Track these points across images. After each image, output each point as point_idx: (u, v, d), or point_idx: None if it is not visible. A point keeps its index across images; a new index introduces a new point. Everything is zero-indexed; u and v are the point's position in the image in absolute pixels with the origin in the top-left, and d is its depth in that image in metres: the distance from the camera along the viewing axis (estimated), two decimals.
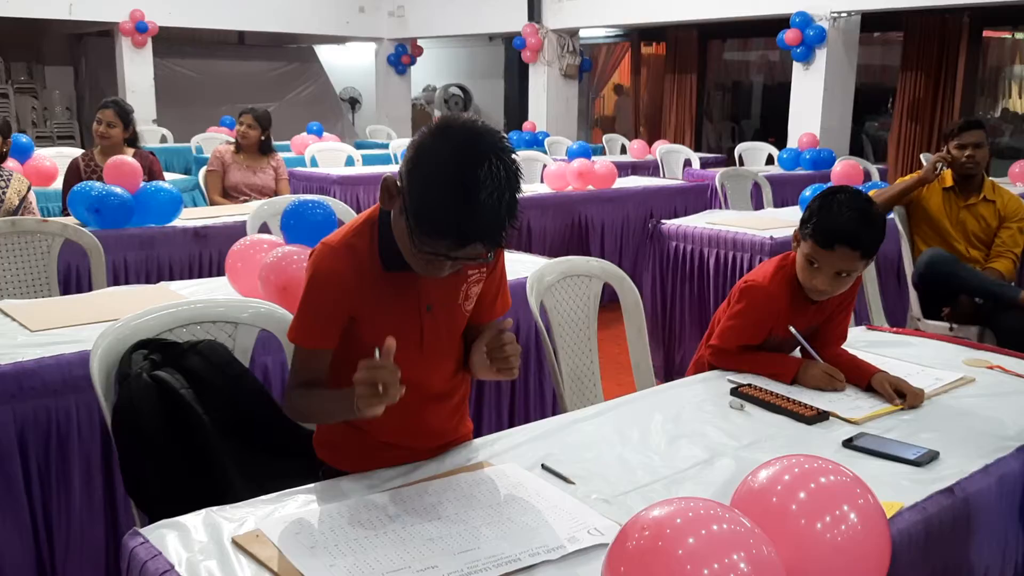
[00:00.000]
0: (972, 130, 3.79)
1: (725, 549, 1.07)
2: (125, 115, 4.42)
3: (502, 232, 1.45)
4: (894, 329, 2.73)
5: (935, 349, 2.50)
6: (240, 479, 1.74)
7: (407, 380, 1.64)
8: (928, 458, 1.72)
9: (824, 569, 1.17)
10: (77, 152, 5.54)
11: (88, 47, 12.29)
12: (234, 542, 1.36)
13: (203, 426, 1.76)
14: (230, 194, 5.12)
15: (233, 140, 5.28)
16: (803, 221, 2.19)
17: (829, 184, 4.72)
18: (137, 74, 10.48)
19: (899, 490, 1.59)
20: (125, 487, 1.79)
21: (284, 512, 1.47)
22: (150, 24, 10.24)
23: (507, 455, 1.72)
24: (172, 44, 11.57)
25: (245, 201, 4.96)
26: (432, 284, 1.61)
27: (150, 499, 1.75)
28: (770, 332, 2.26)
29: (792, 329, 2.20)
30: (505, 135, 1.48)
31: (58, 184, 5.22)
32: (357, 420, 1.64)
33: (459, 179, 1.40)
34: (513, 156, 1.46)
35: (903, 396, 2.02)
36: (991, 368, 2.31)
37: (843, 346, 2.33)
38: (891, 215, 3.97)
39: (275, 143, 5.39)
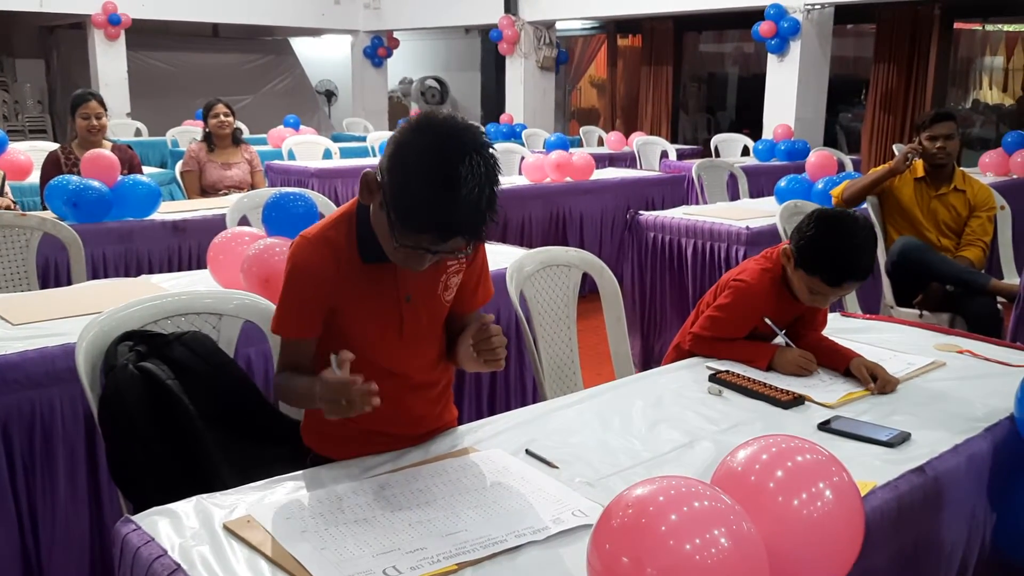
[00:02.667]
0: (943, 122, 3.85)
1: (706, 525, 1.11)
2: (105, 105, 4.41)
3: (482, 226, 1.48)
4: (867, 316, 2.79)
5: (907, 335, 2.56)
6: (226, 467, 1.76)
7: (388, 370, 1.67)
8: (900, 439, 1.77)
9: (801, 544, 1.21)
10: (51, 146, 5.50)
11: (60, 40, 12.14)
12: (226, 527, 1.39)
13: (189, 415, 1.77)
14: (208, 193, 5.09)
15: (202, 136, 5.21)
16: (802, 250, 2.19)
17: (804, 176, 4.81)
18: (110, 67, 10.38)
19: (872, 470, 1.64)
20: (112, 477, 1.81)
21: (274, 498, 1.49)
22: (123, 16, 10.13)
23: (492, 441, 1.75)
24: (145, 36, 11.45)
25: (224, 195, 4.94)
26: (411, 275, 1.64)
27: (137, 488, 1.77)
28: (753, 328, 2.31)
29: (768, 320, 2.25)
30: (483, 130, 1.51)
31: (33, 178, 5.18)
32: None
33: (440, 174, 1.42)
34: (492, 151, 1.49)
35: (876, 380, 2.08)
36: (961, 352, 2.37)
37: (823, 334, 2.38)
38: (864, 205, 4.04)
39: (252, 136, 5.36)
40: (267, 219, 2.89)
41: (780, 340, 2.28)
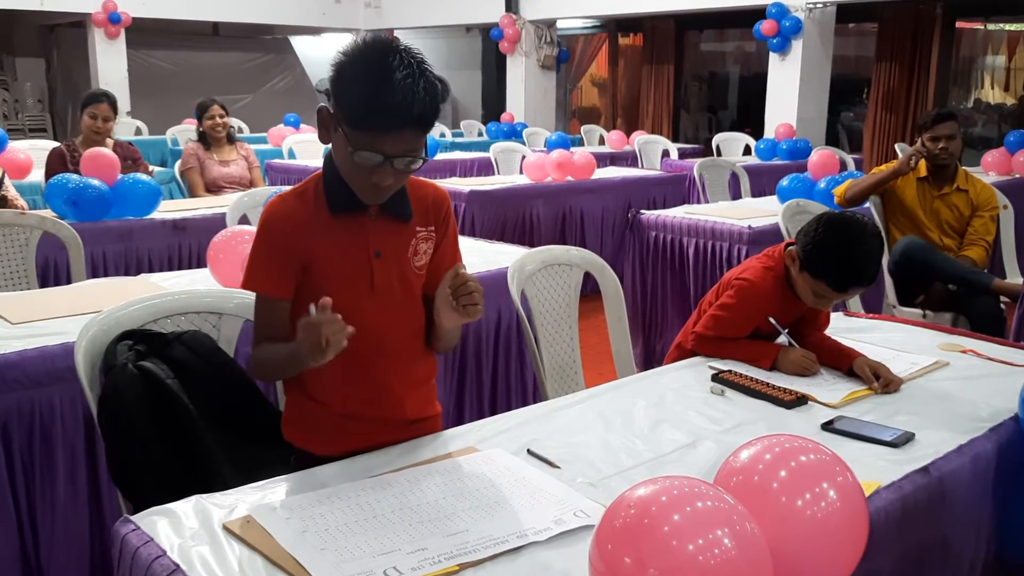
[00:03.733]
0: (945, 122, 3.84)
1: (709, 525, 1.10)
2: (116, 109, 4.41)
3: (423, 110, 1.54)
4: (870, 315, 2.78)
5: (910, 334, 2.54)
6: (227, 467, 1.75)
7: (362, 330, 1.63)
8: (904, 439, 1.76)
9: (804, 545, 1.20)
10: (51, 144, 5.49)
11: (60, 38, 12.14)
12: (225, 528, 1.38)
13: (189, 415, 1.76)
14: (210, 190, 5.09)
15: (197, 136, 5.21)
16: (809, 254, 2.17)
17: (806, 175, 4.80)
18: (110, 66, 10.38)
19: (876, 470, 1.63)
20: (111, 476, 1.80)
21: (274, 498, 1.48)
22: (123, 15, 10.13)
23: (493, 441, 1.74)
24: (146, 35, 11.46)
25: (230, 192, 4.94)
26: (380, 232, 1.69)
27: (136, 488, 1.76)
28: (756, 328, 2.30)
29: (772, 320, 2.24)
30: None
31: (34, 177, 5.18)
32: (317, 393, 1.71)
33: (372, 68, 1.53)
34: (420, 54, 1.58)
35: (879, 379, 2.07)
36: (965, 352, 2.36)
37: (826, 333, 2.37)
38: (867, 204, 4.03)
39: (252, 135, 5.36)
40: None
41: (783, 340, 2.27)
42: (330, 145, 1.68)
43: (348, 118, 1.56)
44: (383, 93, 1.52)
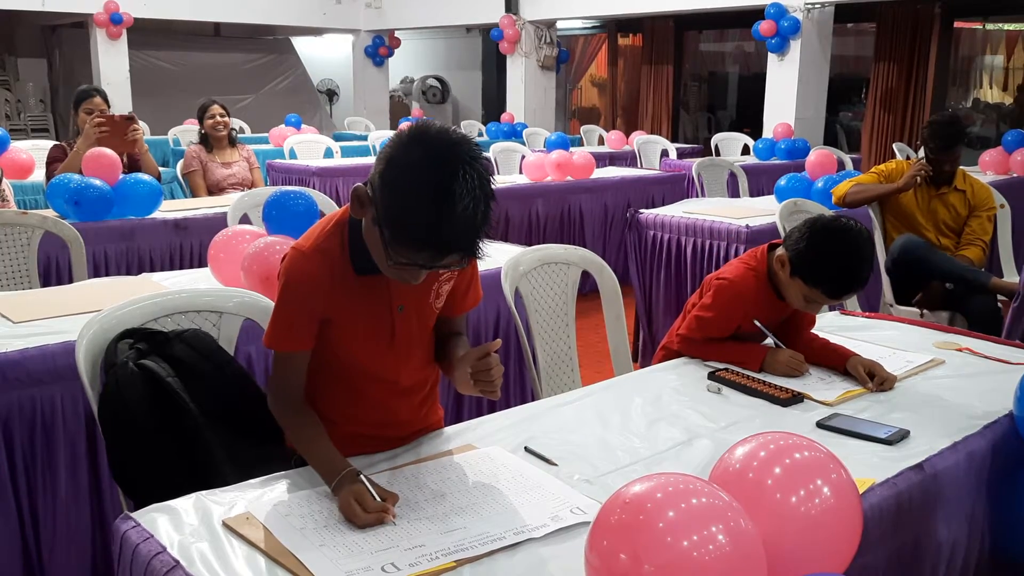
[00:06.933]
0: (954, 148, 3.81)
1: (704, 522, 1.11)
2: (109, 102, 4.41)
3: (478, 241, 1.44)
4: (867, 314, 2.79)
5: (907, 333, 2.56)
6: (227, 464, 1.76)
7: (377, 377, 1.67)
8: (899, 437, 1.77)
9: (799, 541, 1.21)
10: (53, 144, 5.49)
11: (62, 39, 12.14)
12: (225, 525, 1.39)
13: (189, 413, 1.77)
14: (212, 191, 5.10)
15: (198, 138, 5.22)
16: (802, 259, 2.15)
17: (804, 174, 4.80)
18: (112, 66, 10.38)
19: (871, 467, 1.64)
20: (112, 474, 1.81)
21: (273, 495, 1.50)
22: (125, 15, 10.13)
23: (491, 438, 1.76)
24: (147, 35, 11.45)
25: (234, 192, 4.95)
26: (404, 285, 1.61)
27: (137, 486, 1.77)
28: (738, 327, 2.31)
29: (756, 323, 2.24)
30: (475, 142, 1.47)
31: (35, 177, 5.19)
32: (325, 412, 1.69)
33: (434, 191, 1.38)
34: (485, 163, 1.45)
35: (874, 378, 2.08)
36: (960, 350, 2.37)
37: (822, 332, 2.38)
38: None
39: (253, 135, 5.36)
40: (268, 217, 2.90)
41: (769, 342, 2.27)
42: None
43: (393, 230, 1.42)
44: (440, 225, 1.38)
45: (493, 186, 1.46)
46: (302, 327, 1.64)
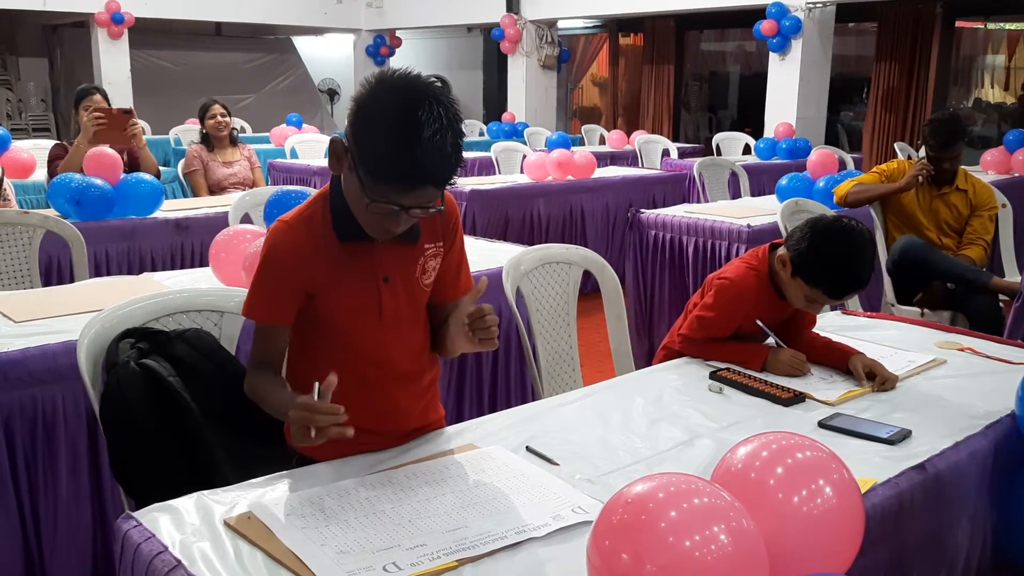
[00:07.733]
0: (953, 146, 3.81)
1: (706, 522, 1.11)
2: (109, 101, 4.41)
3: (448, 172, 1.50)
4: (868, 314, 2.79)
5: (908, 332, 2.55)
6: (228, 464, 1.76)
7: (371, 357, 1.66)
8: (900, 436, 1.77)
9: (801, 541, 1.21)
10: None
11: (63, 38, 12.15)
12: (226, 524, 1.39)
13: (191, 412, 1.77)
14: (214, 192, 5.10)
15: (200, 138, 5.22)
16: (804, 260, 2.15)
17: (805, 174, 4.80)
18: (113, 65, 10.39)
19: (873, 467, 1.64)
20: (113, 474, 1.81)
21: (274, 495, 1.50)
22: (126, 15, 10.14)
23: (492, 438, 1.76)
24: (148, 35, 11.46)
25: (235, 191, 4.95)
26: (388, 256, 1.64)
27: (138, 485, 1.77)
28: (739, 327, 2.31)
29: (759, 322, 2.24)
30: (441, 84, 1.54)
31: (36, 176, 5.19)
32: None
33: (401, 122, 1.45)
34: (451, 101, 1.52)
35: (874, 378, 2.08)
36: (962, 350, 2.37)
37: (823, 332, 2.38)
38: None
39: (254, 135, 5.36)
40: (269, 217, 2.90)
41: (771, 341, 2.27)
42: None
43: (368, 168, 1.48)
44: (409, 152, 1.44)
45: (461, 123, 1.52)
46: (281, 298, 1.64)
